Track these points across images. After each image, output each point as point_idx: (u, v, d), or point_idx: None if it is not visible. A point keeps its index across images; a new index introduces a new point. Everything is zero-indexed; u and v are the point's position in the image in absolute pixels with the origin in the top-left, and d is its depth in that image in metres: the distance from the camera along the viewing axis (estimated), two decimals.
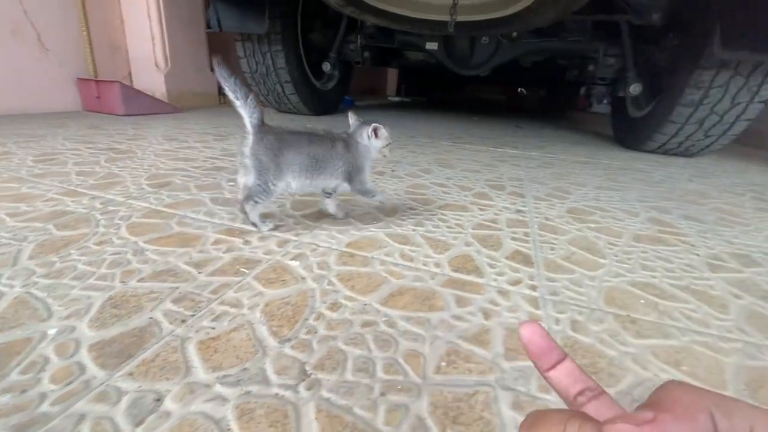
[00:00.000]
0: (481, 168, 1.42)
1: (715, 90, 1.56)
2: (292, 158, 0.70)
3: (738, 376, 0.45)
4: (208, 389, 0.38)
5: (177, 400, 0.37)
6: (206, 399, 0.37)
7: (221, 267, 0.60)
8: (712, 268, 0.72)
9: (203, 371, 0.40)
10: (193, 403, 0.37)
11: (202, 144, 1.47)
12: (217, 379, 0.39)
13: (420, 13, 1.64)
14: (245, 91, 0.69)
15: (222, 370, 0.41)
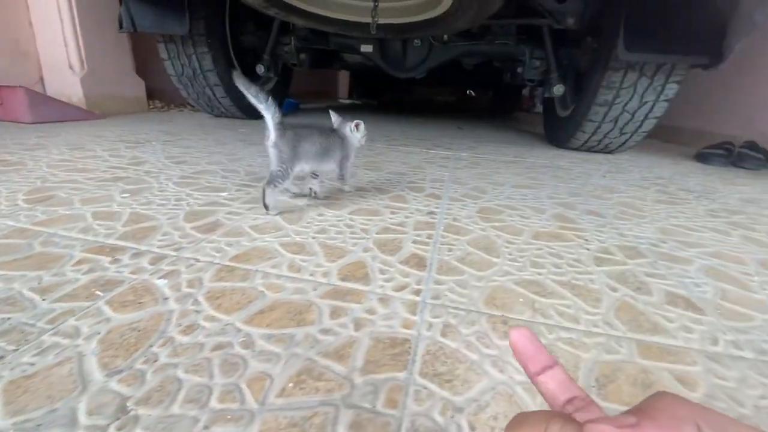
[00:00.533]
0: (407, 170, 1.41)
1: (625, 90, 1.66)
2: (308, 148, 0.88)
3: (591, 372, 0.46)
4: None
5: None
6: None
7: (72, 291, 0.54)
8: (598, 262, 0.75)
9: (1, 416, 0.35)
10: None
11: (110, 153, 1.36)
12: (13, 425, 0.34)
13: (344, 15, 1.62)
14: (266, 95, 0.81)
15: (24, 413, 0.36)
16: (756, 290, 0.68)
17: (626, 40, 1.46)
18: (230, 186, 1.07)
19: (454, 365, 0.45)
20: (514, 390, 0.42)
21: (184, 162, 1.30)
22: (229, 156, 1.43)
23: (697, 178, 1.64)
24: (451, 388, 0.42)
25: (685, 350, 0.51)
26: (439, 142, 2.14)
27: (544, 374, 0.21)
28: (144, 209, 0.86)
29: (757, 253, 0.84)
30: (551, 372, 0.21)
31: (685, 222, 1.02)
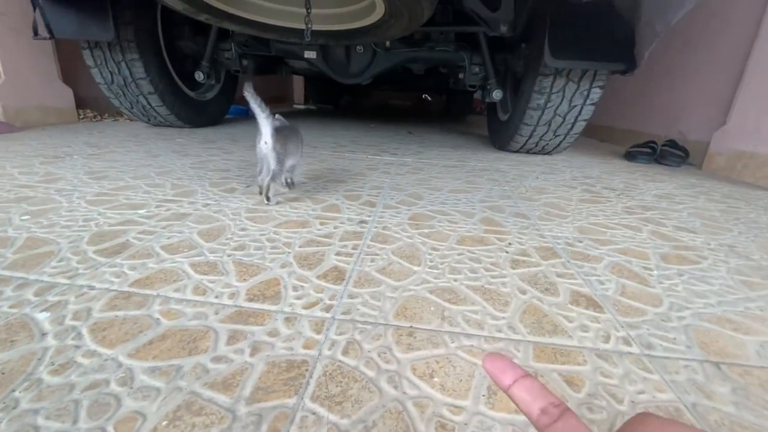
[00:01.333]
0: (348, 178, 1.41)
1: (555, 94, 1.75)
2: (294, 147, 1.07)
3: (484, 380, 0.46)
4: None
5: None
6: None
7: None
8: (513, 265, 0.77)
9: None
10: None
11: (21, 170, 1.25)
12: None
13: (279, 21, 1.59)
14: (266, 106, 0.95)
15: None
16: (653, 284, 0.72)
17: (551, 48, 1.53)
18: (151, 202, 1.01)
19: (348, 385, 0.44)
20: (405, 406, 0.42)
21: (105, 177, 1.21)
22: (159, 169, 1.36)
23: (622, 176, 1.75)
24: (340, 410, 0.41)
25: (578, 350, 0.53)
26: (386, 147, 2.15)
27: (516, 385, 0.22)
28: (44, 233, 0.79)
29: (661, 248, 0.91)
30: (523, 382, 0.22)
31: (603, 220, 1.08)
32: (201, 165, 1.46)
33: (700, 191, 1.55)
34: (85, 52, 1.92)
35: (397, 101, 7.18)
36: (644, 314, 0.62)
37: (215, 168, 1.43)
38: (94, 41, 1.86)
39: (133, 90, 2.02)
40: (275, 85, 5.35)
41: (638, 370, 0.50)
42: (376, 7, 1.39)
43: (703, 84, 2.25)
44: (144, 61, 1.92)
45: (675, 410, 0.44)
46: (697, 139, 2.22)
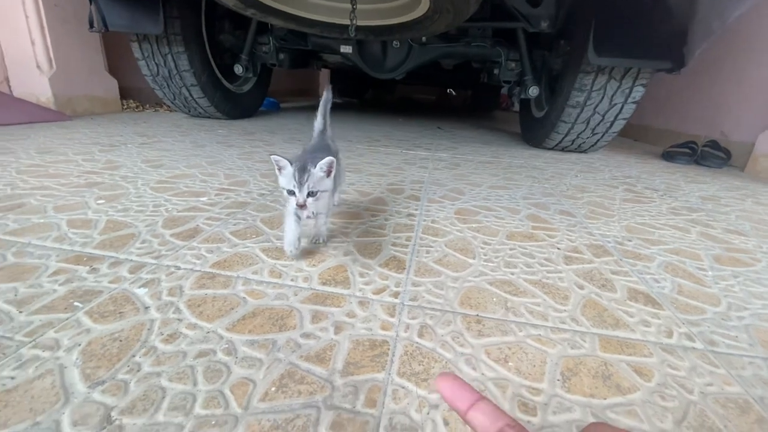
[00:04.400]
0: (388, 172, 1.44)
1: (595, 92, 1.73)
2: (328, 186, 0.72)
3: (557, 366, 0.49)
4: None
5: None
6: None
7: (50, 303, 0.54)
8: (567, 261, 0.79)
9: None
10: None
11: (83, 157, 1.33)
12: None
13: (322, 17, 1.62)
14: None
15: (6, 428, 0.36)
16: (709, 284, 0.73)
17: (595, 45, 1.52)
18: (210, 190, 1.07)
19: (429, 364, 0.48)
20: (486, 386, 0.45)
21: (161, 166, 1.28)
22: (209, 159, 1.42)
23: (662, 176, 1.72)
24: (426, 386, 0.44)
25: (643, 343, 0.55)
26: (419, 142, 2.17)
27: (473, 410, 0.23)
28: (121, 216, 0.85)
29: (712, 249, 0.91)
30: (479, 406, 0.23)
31: (649, 220, 1.08)
32: (247, 156, 1.51)
33: (746, 194, 1.52)
34: (134, 45, 2.00)
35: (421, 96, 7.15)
36: (704, 312, 0.64)
37: (261, 159, 1.48)
38: (143, 34, 1.94)
39: (177, 82, 2.09)
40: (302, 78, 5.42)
41: (704, 364, 0.51)
42: (420, 3, 1.40)
43: (748, 82, 2.18)
44: (189, 53, 1.99)
45: (744, 402, 0.46)
46: (741, 140, 2.16)
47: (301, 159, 0.64)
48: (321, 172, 0.63)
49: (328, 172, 0.64)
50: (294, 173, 0.61)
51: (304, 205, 0.62)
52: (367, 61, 2.30)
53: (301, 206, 0.62)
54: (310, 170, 0.62)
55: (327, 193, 0.67)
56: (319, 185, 0.63)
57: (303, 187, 0.61)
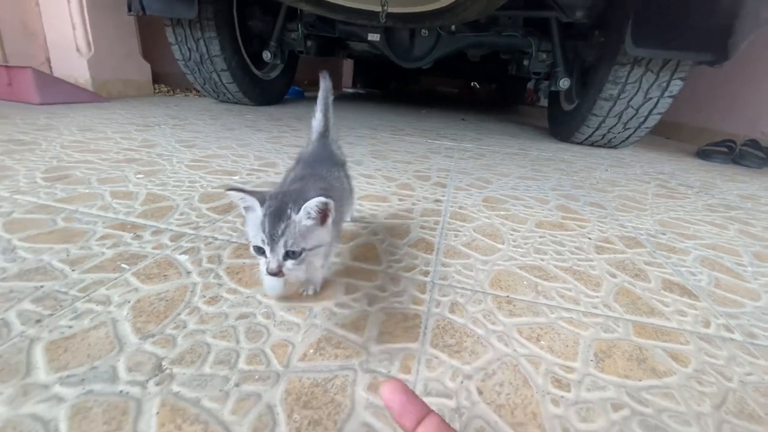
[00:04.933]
0: (414, 159, 1.44)
1: (630, 85, 1.68)
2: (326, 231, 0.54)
3: (590, 348, 0.49)
4: (45, 390, 0.36)
5: (6, 403, 0.34)
6: (40, 400, 0.35)
7: (100, 263, 0.57)
8: (598, 250, 0.77)
9: (45, 372, 0.38)
10: (24, 405, 0.34)
11: (121, 135, 1.38)
12: (59, 380, 0.37)
13: (353, 3, 1.62)
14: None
15: (67, 369, 0.39)
16: (749, 280, 0.71)
17: (634, 35, 1.47)
18: (241, 170, 1.09)
19: (462, 338, 0.48)
20: (519, 361, 0.45)
21: (194, 146, 1.32)
22: (238, 141, 1.45)
23: (697, 174, 1.66)
24: (460, 358, 0.45)
25: (679, 331, 0.54)
26: (443, 132, 2.15)
27: (421, 426, 0.22)
28: (159, 190, 0.88)
29: (752, 246, 0.87)
30: (426, 422, 0.22)
31: (684, 215, 1.05)
32: (275, 140, 1.54)
33: None
34: (168, 30, 2.05)
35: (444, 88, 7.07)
36: (742, 306, 0.62)
37: (288, 144, 1.50)
38: (177, 19, 1.98)
39: (208, 66, 2.14)
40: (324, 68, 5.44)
41: (744, 354, 0.50)
42: None
43: None
44: (220, 38, 2.03)
45: None
46: None
47: (277, 197, 0.42)
48: (308, 219, 0.41)
49: (322, 217, 0.42)
50: (264, 221, 0.40)
51: (279, 273, 0.41)
52: (394, 50, 2.28)
53: (274, 274, 0.41)
54: (291, 216, 0.40)
55: (321, 249, 0.45)
56: (306, 239, 0.41)
57: (277, 245, 0.40)
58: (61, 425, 0.33)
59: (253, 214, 0.42)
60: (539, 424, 0.37)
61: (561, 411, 0.39)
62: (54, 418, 0.34)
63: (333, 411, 0.37)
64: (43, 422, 0.33)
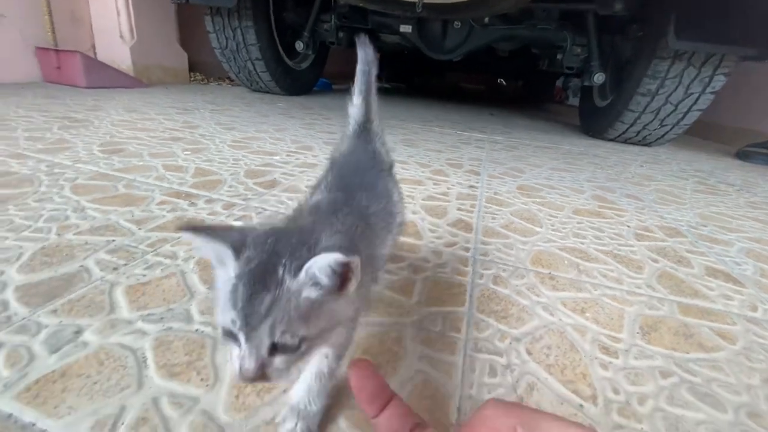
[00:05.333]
0: (444, 149, 1.45)
1: (670, 80, 1.63)
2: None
3: (635, 322, 0.50)
4: (129, 325, 0.40)
5: (97, 333, 0.38)
6: (126, 332, 0.39)
7: (162, 224, 0.61)
8: (638, 238, 0.77)
9: (127, 310, 0.42)
10: (113, 336, 0.38)
11: (164, 117, 1.44)
12: (140, 317, 0.41)
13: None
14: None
15: (146, 309, 0.42)
16: None
17: (677, 28, 1.43)
18: (280, 152, 1.13)
19: (507, 307, 0.50)
20: (565, 329, 0.46)
21: (233, 129, 1.36)
22: (274, 126, 1.49)
23: (737, 173, 1.61)
24: (507, 323, 0.47)
25: (725, 313, 0.54)
26: (472, 125, 2.15)
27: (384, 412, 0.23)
28: (207, 165, 0.92)
29: None
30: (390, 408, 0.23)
31: (725, 210, 1.03)
32: (309, 126, 1.57)
33: None
34: (207, 18, 2.11)
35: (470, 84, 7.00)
36: None
37: (321, 130, 1.53)
38: (216, 8, 2.03)
39: (243, 55, 2.19)
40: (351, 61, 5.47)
41: None
42: None
43: None
44: (256, 28, 2.07)
45: None
46: None
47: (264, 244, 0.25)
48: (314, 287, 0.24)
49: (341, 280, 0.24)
50: (237, 287, 0.23)
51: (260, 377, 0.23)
52: (425, 42, 2.28)
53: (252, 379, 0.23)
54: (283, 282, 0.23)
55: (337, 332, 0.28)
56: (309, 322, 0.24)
57: (256, 331, 0.23)
58: (148, 354, 0.36)
59: (222, 270, 0.25)
60: (589, 383, 0.39)
61: (610, 374, 0.40)
62: (140, 347, 0.37)
63: (390, 358, 0.39)
64: (131, 350, 0.37)
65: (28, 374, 0.33)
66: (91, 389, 0.32)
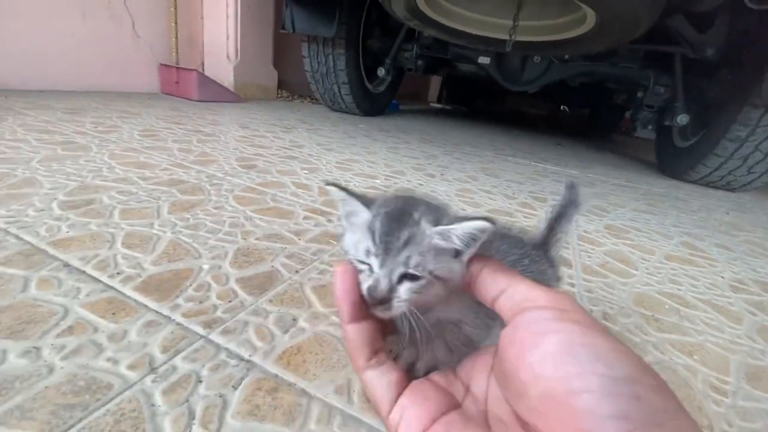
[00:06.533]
0: (524, 180, 1.52)
1: (762, 128, 1.60)
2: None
3: (740, 369, 0.55)
4: (326, 318, 0.52)
5: (307, 321, 0.51)
6: (327, 324, 0.51)
7: (314, 237, 0.75)
8: (734, 290, 0.80)
9: (320, 306, 0.54)
10: (319, 325, 0.51)
11: (272, 135, 1.64)
12: (331, 312, 0.53)
13: (480, 31, 1.75)
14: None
15: (333, 307, 0.55)
16: None
17: None
18: (379, 175, 1.26)
19: None
20: (677, 367, 0.53)
21: (332, 149, 1.53)
22: (365, 149, 1.64)
23: None
24: None
25: None
26: (543, 156, 2.19)
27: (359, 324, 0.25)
28: None
29: None
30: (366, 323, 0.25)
31: None
32: (394, 150, 1.71)
33: None
34: (303, 45, 2.35)
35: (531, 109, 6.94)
36: None
37: (406, 155, 1.66)
38: (312, 36, 2.27)
39: (331, 79, 2.40)
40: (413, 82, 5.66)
41: None
42: (586, 20, 1.45)
43: None
44: (347, 55, 2.28)
45: None
46: None
47: (396, 201, 0.29)
48: (444, 240, 0.26)
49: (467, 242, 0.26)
50: (374, 223, 0.27)
51: (386, 299, 0.26)
52: (503, 73, 2.37)
53: (377, 302, 0.26)
54: (419, 223, 0.27)
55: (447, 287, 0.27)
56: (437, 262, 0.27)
57: (392, 258, 0.26)
58: None
59: (356, 218, 0.29)
60: (705, 414, 0.45)
61: (722, 410, 0.47)
62: (342, 337, 0.49)
63: None
64: (336, 337, 0.49)
65: (276, 347, 0.46)
66: (322, 363, 0.44)
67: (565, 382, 0.17)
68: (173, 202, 0.81)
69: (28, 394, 0.35)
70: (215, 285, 0.55)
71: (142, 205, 0.77)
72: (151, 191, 0.85)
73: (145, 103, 1.96)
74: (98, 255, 0.58)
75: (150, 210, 0.76)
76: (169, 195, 0.84)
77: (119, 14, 2.14)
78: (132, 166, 0.99)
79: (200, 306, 0.51)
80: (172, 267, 0.58)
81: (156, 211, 0.76)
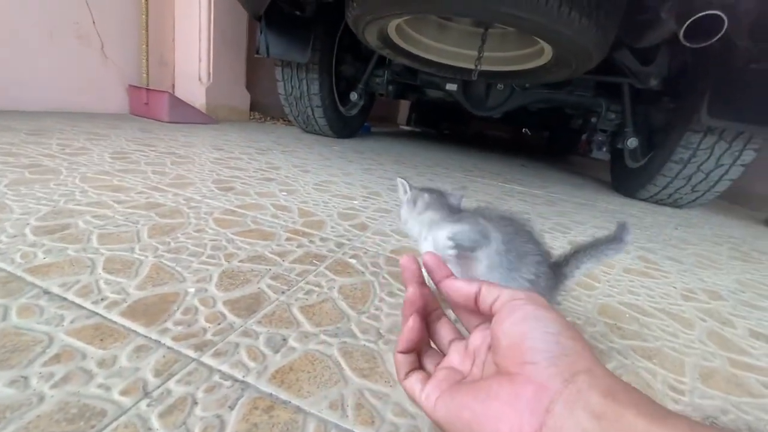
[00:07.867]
0: (493, 200, 1.60)
1: (702, 151, 1.77)
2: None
3: (694, 370, 0.61)
4: (316, 337, 0.54)
5: (297, 341, 0.52)
6: (317, 342, 0.53)
7: (297, 258, 0.76)
8: (685, 298, 0.88)
9: (309, 326, 0.56)
10: (309, 344, 0.52)
11: (248, 156, 1.65)
12: (321, 331, 0.55)
13: (448, 60, 1.86)
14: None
15: (322, 326, 0.56)
16: None
17: (710, 107, 1.59)
18: (357, 196, 1.30)
19: None
20: (638, 371, 0.58)
21: (308, 171, 1.55)
22: (340, 170, 1.68)
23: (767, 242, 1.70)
24: None
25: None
26: (509, 177, 2.31)
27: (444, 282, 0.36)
28: (305, 207, 1.09)
29: None
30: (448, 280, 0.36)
31: (761, 278, 1.13)
32: (368, 171, 1.76)
33: None
34: (277, 69, 2.38)
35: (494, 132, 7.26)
36: None
37: (381, 176, 1.71)
38: (287, 61, 2.31)
39: (305, 102, 2.44)
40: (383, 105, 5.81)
41: None
42: (543, 53, 1.58)
43: None
44: (320, 80, 2.33)
45: None
46: None
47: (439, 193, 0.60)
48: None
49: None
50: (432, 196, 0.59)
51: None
52: (469, 99, 2.51)
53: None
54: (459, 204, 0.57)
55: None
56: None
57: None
58: (339, 359, 0.50)
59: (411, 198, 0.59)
60: None
61: (681, 407, 0.52)
62: (332, 354, 0.51)
63: None
64: (327, 356, 0.50)
65: (268, 367, 0.47)
66: (315, 380, 0.46)
67: (521, 335, 0.28)
68: (152, 226, 0.80)
69: (20, 424, 0.34)
70: (203, 308, 0.56)
71: (121, 230, 0.76)
72: (129, 215, 0.84)
73: (113, 124, 1.91)
74: (79, 281, 0.57)
75: (129, 234, 0.75)
76: (147, 218, 0.83)
77: (87, 35, 2.11)
78: (106, 190, 0.97)
79: (189, 329, 0.51)
80: (157, 291, 0.58)
81: (136, 235, 0.75)
